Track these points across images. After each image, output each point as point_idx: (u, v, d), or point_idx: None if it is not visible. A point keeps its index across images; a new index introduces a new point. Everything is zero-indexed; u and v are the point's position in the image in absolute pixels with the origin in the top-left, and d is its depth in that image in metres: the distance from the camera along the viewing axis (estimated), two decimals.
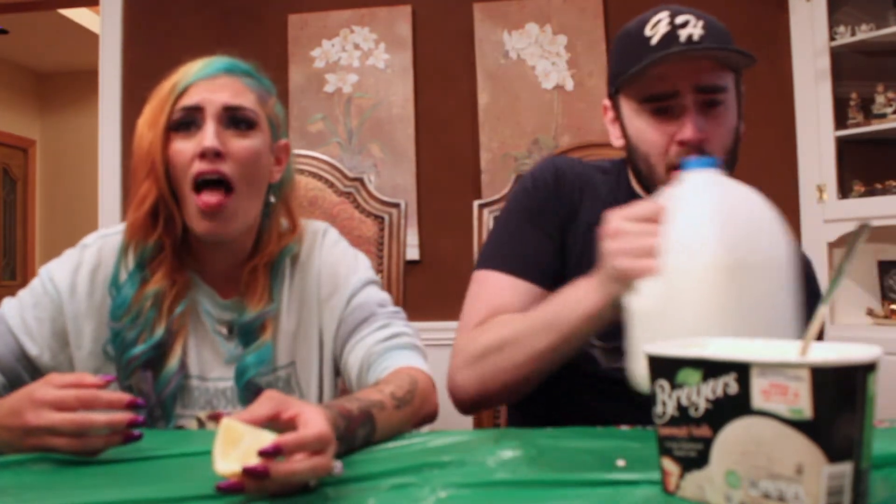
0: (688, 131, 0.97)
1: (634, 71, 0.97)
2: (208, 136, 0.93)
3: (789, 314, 0.76)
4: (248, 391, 0.97)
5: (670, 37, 0.97)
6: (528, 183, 1.11)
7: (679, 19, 0.97)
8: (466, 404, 1.03)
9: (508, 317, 1.00)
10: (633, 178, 1.10)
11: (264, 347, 0.99)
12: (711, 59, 0.98)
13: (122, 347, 0.97)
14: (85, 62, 5.35)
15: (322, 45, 2.85)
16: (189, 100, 0.95)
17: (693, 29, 0.97)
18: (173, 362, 0.97)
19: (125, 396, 0.77)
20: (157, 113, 0.96)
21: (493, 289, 1.05)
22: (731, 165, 1.04)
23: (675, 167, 0.97)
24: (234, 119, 0.97)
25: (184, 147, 0.95)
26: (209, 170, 0.94)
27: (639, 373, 0.80)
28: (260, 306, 1.00)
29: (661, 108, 0.99)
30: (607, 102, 1.10)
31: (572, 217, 1.08)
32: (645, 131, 1.01)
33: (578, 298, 0.90)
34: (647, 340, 0.76)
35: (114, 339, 0.98)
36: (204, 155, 0.93)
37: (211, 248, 1.01)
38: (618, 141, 1.08)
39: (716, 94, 0.99)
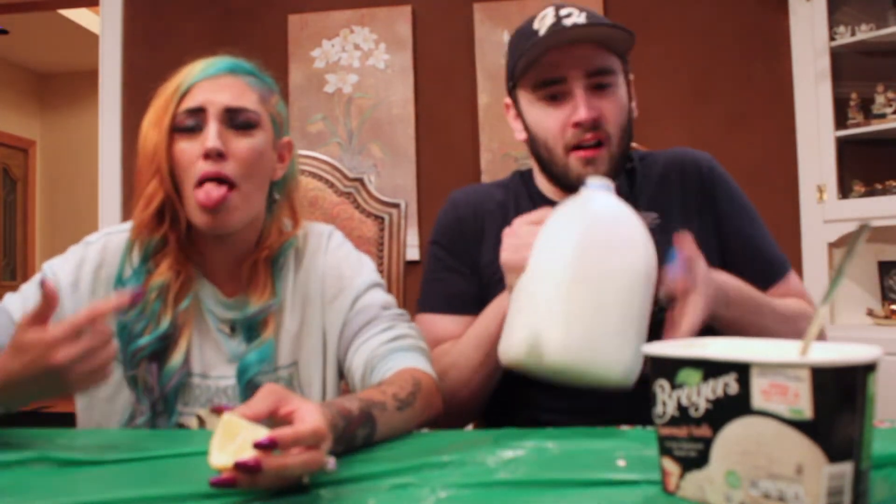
0: (581, 112, 1.03)
1: (527, 58, 1.04)
2: (211, 137, 0.94)
3: (628, 325, 0.85)
4: (250, 390, 0.97)
5: (556, 26, 1.04)
6: (435, 226, 1.23)
7: (563, 11, 1.05)
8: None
9: (447, 346, 1.11)
10: (539, 169, 1.15)
11: (266, 345, 1.00)
12: (594, 41, 1.05)
13: (128, 339, 0.98)
14: (85, 62, 5.35)
15: (322, 46, 2.85)
16: (192, 101, 0.96)
17: (577, 18, 1.04)
18: (178, 356, 0.98)
19: (126, 292, 0.81)
20: (162, 114, 0.97)
21: (431, 329, 1.14)
22: (627, 142, 1.10)
23: (572, 148, 1.06)
24: (237, 120, 0.98)
25: (188, 147, 0.96)
26: (213, 171, 0.95)
27: (503, 345, 0.93)
28: (262, 300, 1.01)
29: (553, 94, 1.06)
30: (508, 101, 1.16)
31: (478, 239, 1.17)
32: (541, 118, 1.08)
33: (495, 307, 1.03)
34: (512, 318, 0.92)
35: (120, 332, 0.98)
36: (207, 156, 0.94)
37: (214, 244, 1.02)
38: (520, 134, 1.14)
39: (603, 76, 1.06)
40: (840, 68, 2.54)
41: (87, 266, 1.01)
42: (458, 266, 1.17)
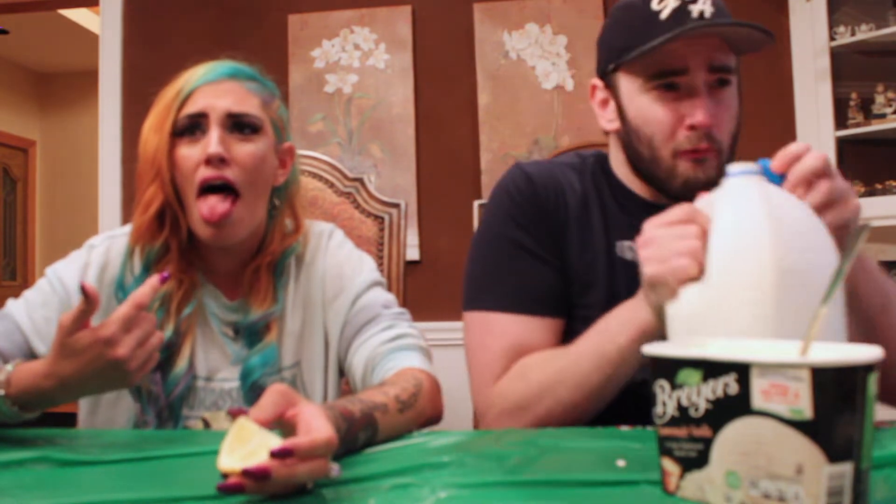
0: (699, 115, 0.92)
1: (651, 46, 0.91)
2: (213, 142, 0.94)
3: (836, 323, 0.72)
4: (254, 392, 0.98)
5: (681, 12, 0.92)
6: (504, 199, 1.01)
7: None
8: None
9: (540, 357, 0.93)
10: (628, 163, 1.02)
11: (269, 348, 1.00)
12: (728, 36, 0.94)
13: None
14: (85, 62, 5.35)
15: (322, 46, 2.85)
16: (193, 106, 0.96)
17: (703, 6, 0.93)
18: (182, 363, 0.98)
19: (155, 278, 0.83)
20: (163, 118, 0.97)
21: (501, 333, 0.95)
22: (733, 152, 0.99)
23: (682, 152, 0.94)
24: (238, 125, 0.97)
25: (189, 153, 0.96)
26: (214, 176, 0.95)
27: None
28: (264, 307, 1.01)
29: (670, 84, 0.94)
30: (598, 82, 1.03)
31: (560, 221, 1.00)
32: (651, 110, 0.95)
33: (623, 320, 0.85)
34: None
35: None
36: (209, 161, 0.94)
37: (216, 251, 1.02)
38: (610, 124, 1.01)
39: (725, 73, 0.96)
40: (840, 68, 2.53)
41: (92, 269, 1.02)
42: (543, 254, 0.98)
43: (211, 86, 0.97)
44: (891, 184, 2.44)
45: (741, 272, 0.70)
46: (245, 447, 0.61)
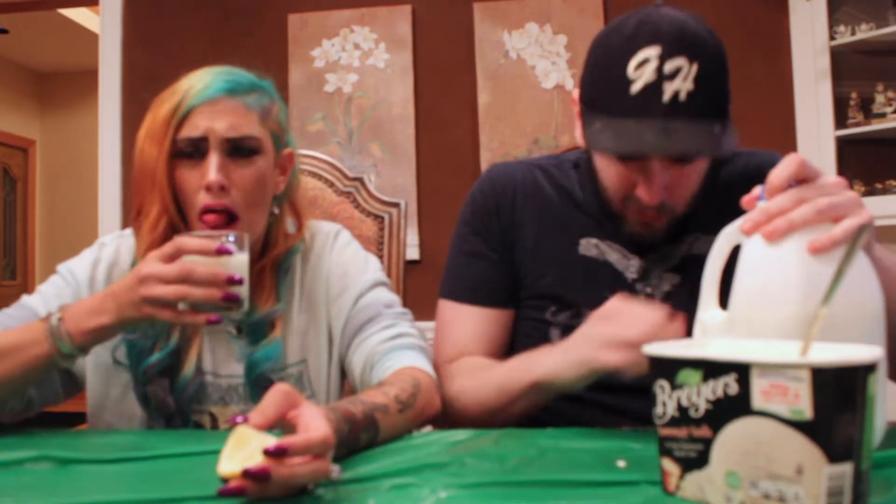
0: (648, 196, 0.92)
1: (602, 149, 0.92)
2: (212, 170, 0.93)
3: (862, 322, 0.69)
4: (259, 386, 0.98)
5: (653, 91, 0.85)
6: (469, 202, 1.14)
7: (668, 66, 0.85)
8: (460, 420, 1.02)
9: (477, 363, 1.04)
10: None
11: (273, 344, 1.00)
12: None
13: (138, 357, 0.98)
14: (85, 62, 5.35)
15: (322, 45, 2.85)
16: (193, 130, 0.94)
17: (682, 83, 0.85)
18: (189, 368, 0.99)
19: (223, 273, 0.83)
20: (161, 135, 0.95)
21: (453, 321, 1.10)
22: (698, 195, 0.98)
23: (632, 209, 0.96)
24: (237, 148, 0.96)
25: (190, 176, 0.95)
26: (214, 204, 0.94)
27: None
28: (268, 305, 1.01)
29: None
30: (576, 96, 1.00)
31: (511, 222, 1.09)
32: (608, 169, 0.96)
33: (527, 367, 0.94)
34: None
35: (129, 350, 0.98)
36: (209, 189, 0.94)
37: None
38: (582, 140, 1.00)
39: (686, 159, 0.92)
40: (840, 68, 2.54)
41: (102, 265, 1.05)
42: (491, 254, 1.09)
43: (209, 105, 0.95)
44: (891, 183, 2.45)
45: (766, 318, 0.69)
46: (244, 451, 0.61)
